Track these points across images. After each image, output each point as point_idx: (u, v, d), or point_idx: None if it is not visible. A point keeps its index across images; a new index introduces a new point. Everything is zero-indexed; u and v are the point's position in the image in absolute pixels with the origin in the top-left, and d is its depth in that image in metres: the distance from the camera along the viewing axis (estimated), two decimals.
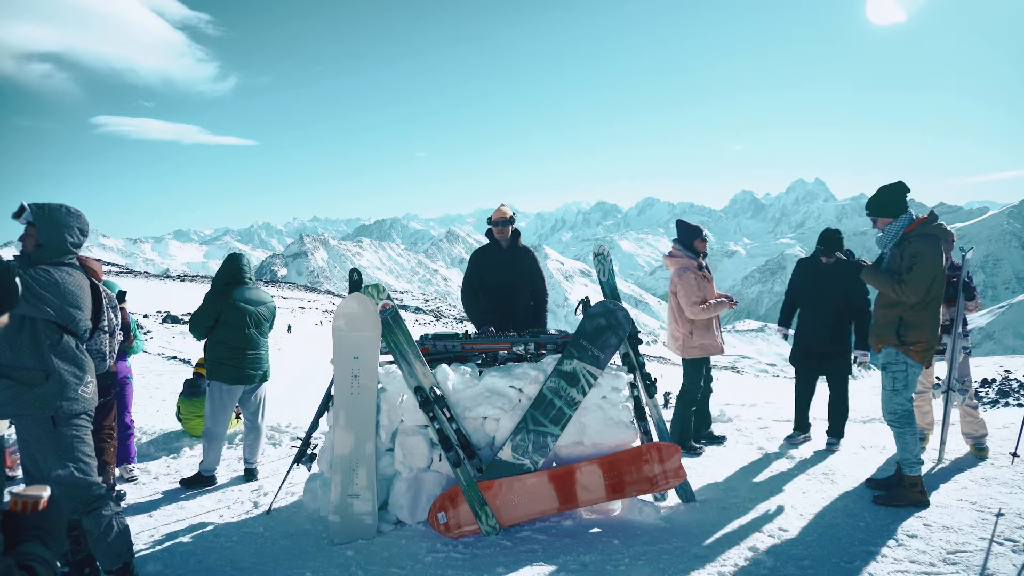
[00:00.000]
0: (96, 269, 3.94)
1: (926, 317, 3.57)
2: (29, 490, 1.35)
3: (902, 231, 3.63)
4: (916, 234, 3.57)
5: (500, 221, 4.75)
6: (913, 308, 3.56)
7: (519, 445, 3.46)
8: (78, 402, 2.66)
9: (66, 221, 2.71)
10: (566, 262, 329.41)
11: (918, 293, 3.52)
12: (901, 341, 3.57)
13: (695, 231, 5.00)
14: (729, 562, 2.98)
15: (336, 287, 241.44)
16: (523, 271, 4.80)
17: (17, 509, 1.34)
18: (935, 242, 3.53)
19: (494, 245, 4.81)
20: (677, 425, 4.92)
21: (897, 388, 3.61)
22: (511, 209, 4.82)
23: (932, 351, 3.64)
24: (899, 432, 3.61)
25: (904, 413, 3.59)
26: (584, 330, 3.61)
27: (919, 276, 3.48)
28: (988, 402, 10.98)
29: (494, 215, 4.82)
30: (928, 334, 3.58)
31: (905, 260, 3.55)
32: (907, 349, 3.57)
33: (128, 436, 4.66)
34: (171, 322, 30.38)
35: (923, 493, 3.56)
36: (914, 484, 3.57)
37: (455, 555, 3.13)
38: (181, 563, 3.19)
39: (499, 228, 4.76)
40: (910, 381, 3.59)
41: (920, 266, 3.48)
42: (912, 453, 3.58)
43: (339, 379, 3.53)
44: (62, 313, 2.62)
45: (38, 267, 2.60)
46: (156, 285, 51.14)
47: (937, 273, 3.51)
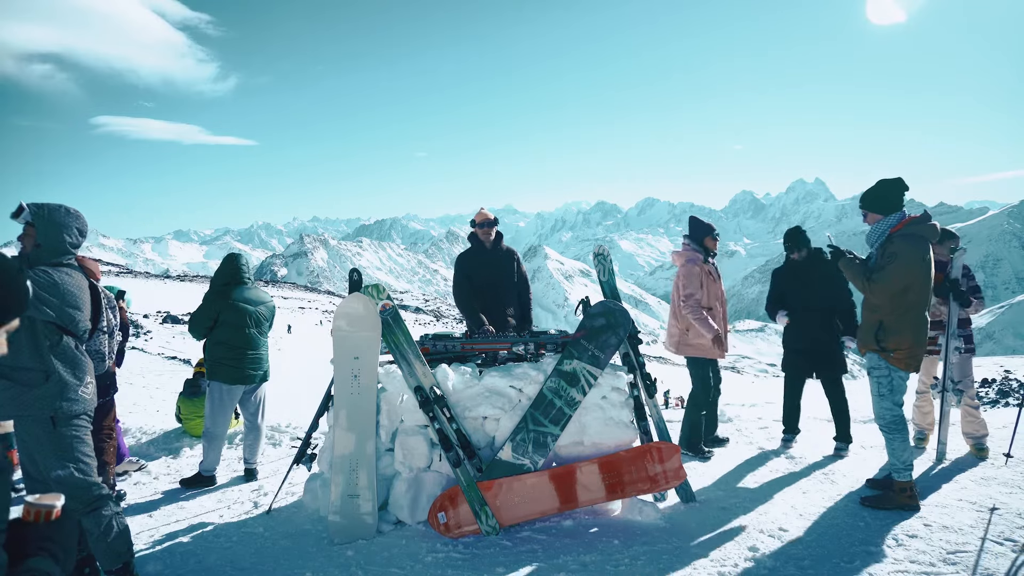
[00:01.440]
0: (94, 269, 3.93)
1: (907, 322, 3.44)
2: (43, 498, 1.29)
3: (889, 229, 3.52)
4: (901, 234, 3.46)
5: (484, 223, 4.79)
6: (893, 312, 3.45)
7: (519, 445, 3.46)
8: (78, 403, 2.66)
9: (65, 221, 2.71)
10: (566, 262, 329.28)
11: (884, 294, 3.43)
12: (881, 347, 3.49)
13: (707, 228, 4.96)
14: (729, 562, 2.98)
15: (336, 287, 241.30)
16: (509, 272, 4.85)
17: (30, 519, 1.28)
18: (918, 243, 3.40)
19: (479, 248, 4.84)
20: (685, 429, 4.89)
21: (882, 393, 3.55)
22: (501, 210, 4.84)
23: (916, 357, 3.48)
24: (888, 437, 3.56)
25: (892, 419, 3.53)
26: (584, 330, 3.61)
27: (889, 276, 3.39)
28: (988, 402, 10.99)
29: (477, 218, 4.85)
30: (909, 340, 3.44)
31: (883, 259, 3.45)
32: (887, 355, 3.48)
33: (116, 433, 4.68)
34: (171, 322, 30.38)
35: (913, 498, 3.49)
36: (903, 489, 3.51)
37: (455, 555, 3.13)
38: (181, 563, 3.19)
39: (483, 230, 4.79)
40: (895, 386, 3.51)
41: (894, 266, 3.38)
42: (901, 459, 3.51)
43: (339, 379, 3.53)
44: (62, 314, 2.62)
45: (38, 268, 2.60)
46: (156, 285, 51.13)
47: (914, 276, 3.38)
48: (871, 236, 3.62)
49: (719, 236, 5.12)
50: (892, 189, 3.54)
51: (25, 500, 1.32)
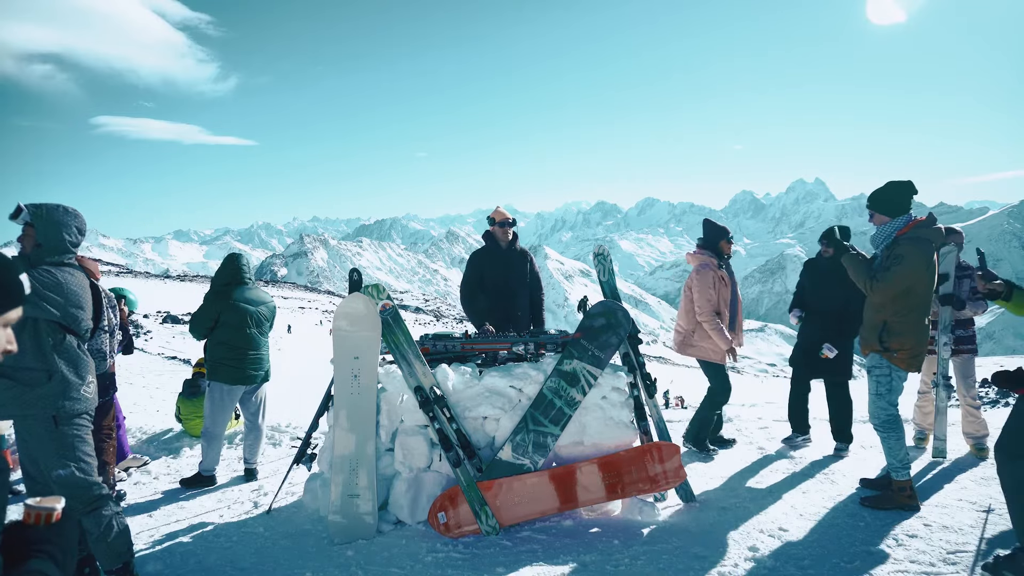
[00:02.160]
0: (93, 269, 3.92)
1: (910, 324, 3.46)
2: (44, 501, 1.29)
3: (895, 232, 3.52)
4: (907, 237, 3.46)
5: (503, 222, 4.81)
6: (897, 313, 3.47)
7: (519, 445, 3.46)
8: (80, 402, 2.67)
9: (64, 220, 2.71)
10: (566, 262, 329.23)
11: (886, 295, 3.45)
12: (884, 347, 3.50)
13: (721, 232, 4.88)
14: (729, 562, 2.98)
15: (336, 287, 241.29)
16: (522, 273, 4.85)
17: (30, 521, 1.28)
18: (924, 247, 3.41)
19: (494, 246, 4.83)
20: (695, 425, 4.88)
21: (880, 392, 3.56)
22: (508, 211, 4.87)
23: (918, 358, 3.51)
24: (883, 437, 3.56)
25: (888, 418, 3.54)
26: (584, 330, 3.61)
27: (892, 278, 3.40)
28: (988, 402, 10.98)
29: (496, 216, 4.85)
30: (912, 341, 3.46)
31: (889, 260, 3.47)
32: (891, 356, 3.49)
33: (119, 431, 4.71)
34: (171, 322, 30.38)
35: (912, 497, 3.50)
36: (902, 488, 3.52)
37: (455, 555, 3.13)
38: (181, 563, 3.19)
39: (502, 229, 4.81)
40: (894, 386, 3.53)
41: (898, 268, 3.39)
42: (898, 458, 3.52)
43: (339, 379, 3.53)
44: (65, 313, 2.62)
45: (41, 267, 2.61)
46: (156, 285, 51.14)
47: (918, 279, 3.40)
48: (877, 238, 3.62)
49: (734, 239, 5.06)
50: (902, 192, 3.52)
51: (25, 503, 1.32)
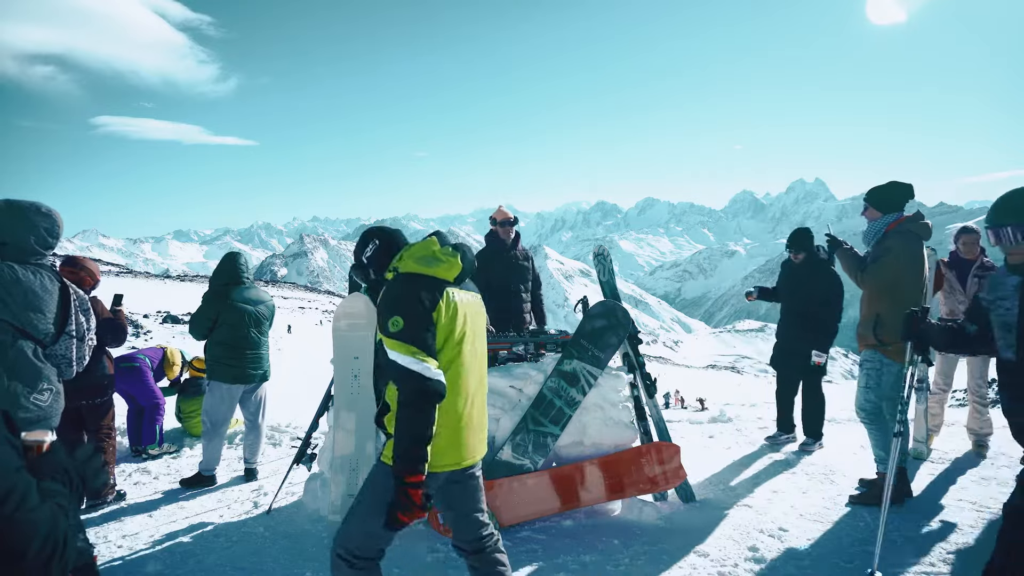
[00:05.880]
0: (93, 270, 3.90)
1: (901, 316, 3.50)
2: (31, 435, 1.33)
3: (885, 228, 3.66)
4: (895, 231, 3.61)
5: (505, 222, 4.81)
6: (890, 306, 3.53)
7: (519, 445, 3.46)
8: (28, 411, 2.47)
9: (32, 220, 2.56)
10: (566, 262, 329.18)
11: (876, 285, 3.58)
12: (878, 340, 3.58)
13: None
14: (729, 562, 2.98)
15: (336, 287, 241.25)
16: (524, 273, 4.87)
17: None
18: (912, 240, 3.56)
19: (498, 246, 4.84)
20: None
21: (869, 385, 3.63)
22: (510, 211, 4.88)
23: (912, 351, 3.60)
24: (869, 428, 3.66)
25: (872, 409, 3.62)
26: (584, 330, 3.61)
27: (880, 269, 3.55)
28: (995, 402, 10.98)
29: (498, 216, 4.86)
30: None
31: (878, 252, 3.62)
32: (884, 349, 3.57)
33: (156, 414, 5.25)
34: (171, 322, 30.37)
35: (899, 489, 3.49)
36: None
37: (455, 555, 3.13)
38: (181, 563, 3.19)
39: (505, 228, 4.82)
40: (883, 380, 3.60)
41: (887, 259, 3.53)
42: (885, 450, 3.58)
43: (339, 379, 3.53)
44: (20, 315, 2.47)
45: (3, 263, 2.47)
46: (156, 285, 51.12)
47: (906, 270, 3.52)
48: (867, 234, 3.77)
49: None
50: (899, 192, 3.68)
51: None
